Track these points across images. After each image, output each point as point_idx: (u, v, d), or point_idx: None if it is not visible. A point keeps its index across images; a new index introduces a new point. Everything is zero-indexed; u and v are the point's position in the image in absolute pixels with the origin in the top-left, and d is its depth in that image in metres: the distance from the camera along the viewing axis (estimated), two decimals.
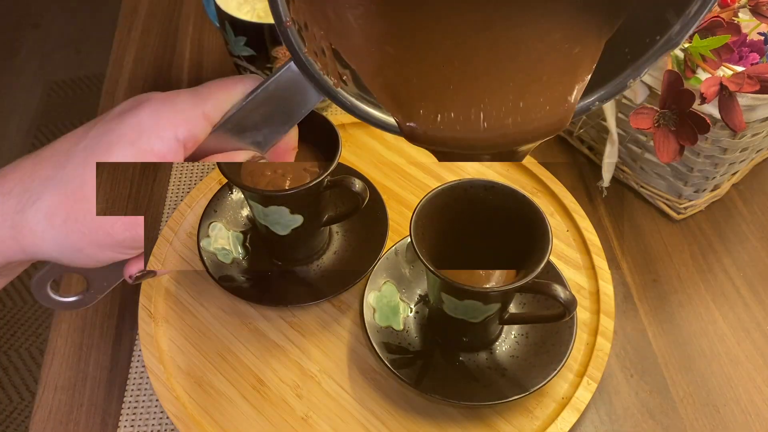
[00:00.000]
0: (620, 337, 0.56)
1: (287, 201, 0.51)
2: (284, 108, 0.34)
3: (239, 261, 0.58)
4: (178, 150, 0.31)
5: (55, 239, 0.30)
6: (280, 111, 0.34)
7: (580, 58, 0.32)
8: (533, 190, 0.64)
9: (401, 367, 0.50)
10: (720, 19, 0.49)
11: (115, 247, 0.31)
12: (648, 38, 0.32)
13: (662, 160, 0.52)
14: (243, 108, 0.33)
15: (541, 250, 0.45)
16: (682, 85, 0.49)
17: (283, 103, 0.34)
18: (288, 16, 0.31)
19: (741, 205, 0.65)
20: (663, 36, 0.31)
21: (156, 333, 0.55)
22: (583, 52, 0.32)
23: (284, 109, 0.34)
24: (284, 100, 0.34)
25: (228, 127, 0.33)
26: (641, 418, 0.52)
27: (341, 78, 0.33)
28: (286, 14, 0.30)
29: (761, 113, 0.52)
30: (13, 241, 0.30)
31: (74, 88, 2.02)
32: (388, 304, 0.54)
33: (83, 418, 0.52)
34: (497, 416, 0.51)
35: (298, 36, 0.31)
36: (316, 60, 0.32)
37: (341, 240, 0.60)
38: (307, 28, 0.32)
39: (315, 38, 0.32)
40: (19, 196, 0.31)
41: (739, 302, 0.58)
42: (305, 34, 0.32)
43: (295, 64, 0.33)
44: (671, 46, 0.31)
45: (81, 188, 0.30)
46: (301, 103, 0.34)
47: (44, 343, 1.43)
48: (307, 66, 0.32)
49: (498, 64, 0.34)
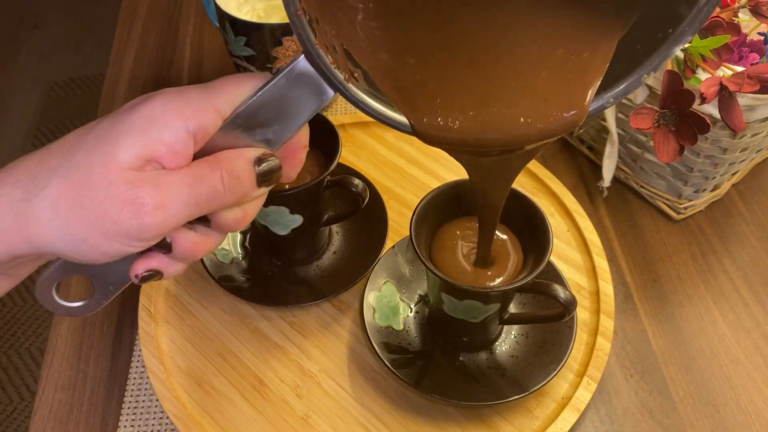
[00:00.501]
0: (620, 337, 0.56)
1: (287, 201, 0.51)
2: (295, 104, 0.33)
3: (239, 261, 0.58)
4: (188, 141, 0.31)
5: (60, 228, 0.30)
6: (291, 107, 0.33)
7: (593, 58, 0.32)
8: (534, 190, 0.64)
9: (401, 367, 0.50)
10: (720, 19, 0.49)
11: (122, 237, 0.30)
12: (661, 33, 0.31)
13: (662, 160, 0.52)
14: (253, 103, 0.32)
15: (542, 251, 0.45)
16: (682, 85, 0.49)
17: (293, 99, 0.33)
18: (299, 4, 0.30)
19: (741, 205, 0.65)
20: (676, 29, 0.31)
21: (156, 333, 0.55)
22: (596, 51, 0.32)
23: (295, 105, 0.33)
24: (295, 95, 0.33)
25: (238, 123, 0.33)
26: (641, 418, 0.52)
27: (353, 75, 0.33)
28: (296, 2, 0.30)
29: (761, 113, 0.52)
30: (18, 231, 0.30)
31: (74, 88, 2.02)
32: (388, 304, 0.54)
33: (83, 418, 0.52)
34: (497, 416, 0.51)
35: (308, 27, 0.31)
36: (326, 53, 0.32)
37: (341, 240, 0.60)
38: (318, 22, 0.31)
39: (326, 35, 0.32)
40: (26, 185, 0.30)
41: (739, 302, 0.58)
42: (316, 28, 0.31)
43: (305, 55, 0.32)
44: (684, 39, 0.31)
45: (89, 175, 0.30)
46: (312, 99, 0.33)
47: (44, 343, 1.43)
48: (317, 58, 0.32)
49: (512, 65, 0.33)
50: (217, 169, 0.32)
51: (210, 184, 0.31)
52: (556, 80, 0.33)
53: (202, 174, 0.31)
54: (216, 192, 0.32)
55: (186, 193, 0.31)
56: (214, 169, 0.32)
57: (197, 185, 0.31)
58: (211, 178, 0.32)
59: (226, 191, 0.32)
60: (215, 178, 0.32)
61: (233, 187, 0.32)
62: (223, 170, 0.32)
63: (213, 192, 0.32)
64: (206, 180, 0.31)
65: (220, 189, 0.32)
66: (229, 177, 0.32)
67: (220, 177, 0.32)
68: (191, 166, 0.31)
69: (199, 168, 0.31)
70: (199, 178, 0.31)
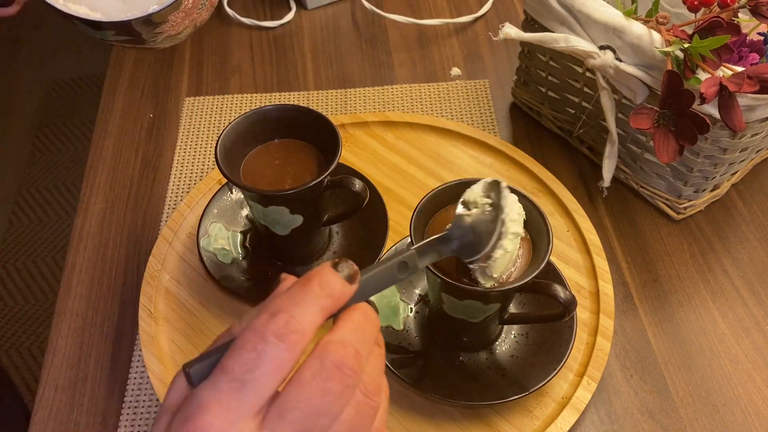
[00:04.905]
0: (620, 337, 0.56)
1: (287, 201, 0.51)
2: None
3: (239, 261, 0.58)
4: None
5: None
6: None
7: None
8: (533, 190, 0.64)
9: (401, 367, 0.50)
10: (720, 19, 0.49)
11: None
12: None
13: (662, 160, 0.52)
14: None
15: (542, 250, 0.45)
16: (682, 85, 0.49)
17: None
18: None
19: (741, 205, 0.65)
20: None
21: (156, 333, 0.55)
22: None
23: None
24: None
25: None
26: (641, 418, 0.52)
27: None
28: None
29: (761, 113, 0.52)
30: None
31: (74, 88, 2.02)
32: (388, 304, 0.54)
33: (83, 418, 0.52)
34: (497, 416, 0.51)
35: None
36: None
37: (341, 240, 0.60)
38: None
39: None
40: None
41: (738, 302, 0.58)
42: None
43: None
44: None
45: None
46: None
47: (45, 343, 1.43)
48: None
49: None
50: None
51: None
52: None
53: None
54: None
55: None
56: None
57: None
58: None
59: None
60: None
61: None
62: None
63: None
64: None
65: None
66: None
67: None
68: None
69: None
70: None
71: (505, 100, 0.74)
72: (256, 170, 0.53)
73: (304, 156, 0.53)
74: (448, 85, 0.76)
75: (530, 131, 0.71)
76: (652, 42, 0.53)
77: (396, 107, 0.74)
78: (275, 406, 0.27)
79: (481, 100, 0.74)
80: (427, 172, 0.66)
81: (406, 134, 0.69)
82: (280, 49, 0.81)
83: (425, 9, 0.86)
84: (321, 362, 0.28)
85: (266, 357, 0.27)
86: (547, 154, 0.69)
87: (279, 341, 0.27)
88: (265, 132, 0.53)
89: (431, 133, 0.69)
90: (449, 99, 0.74)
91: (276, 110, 0.53)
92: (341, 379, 0.28)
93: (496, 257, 0.42)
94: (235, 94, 0.76)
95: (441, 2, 0.86)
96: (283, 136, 0.54)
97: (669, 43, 0.52)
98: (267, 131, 0.54)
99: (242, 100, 0.75)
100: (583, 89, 0.63)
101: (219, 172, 0.52)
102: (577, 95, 0.65)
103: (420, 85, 0.76)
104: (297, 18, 0.85)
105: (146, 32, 0.64)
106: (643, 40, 0.53)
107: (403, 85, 0.76)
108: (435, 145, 0.68)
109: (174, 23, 0.63)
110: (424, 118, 0.69)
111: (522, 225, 0.44)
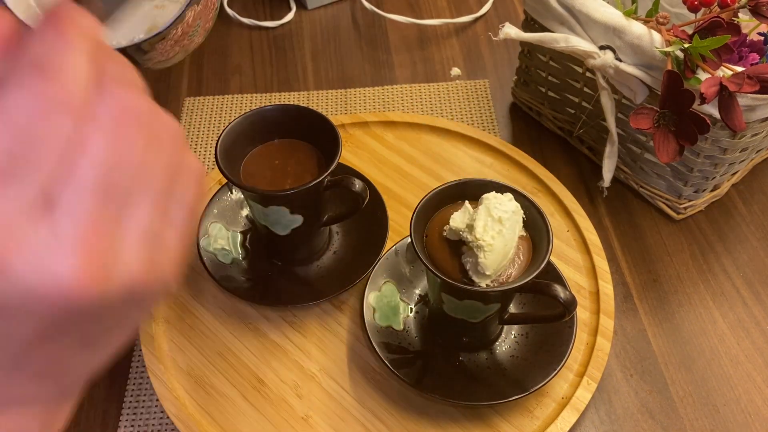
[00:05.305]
0: (620, 337, 0.56)
1: (287, 201, 0.51)
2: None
3: (239, 261, 0.58)
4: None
5: None
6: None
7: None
8: (533, 190, 0.64)
9: (401, 367, 0.50)
10: (720, 19, 0.49)
11: None
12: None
13: (662, 161, 0.52)
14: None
15: (542, 250, 0.45)
16: (682, 85, 0.49)
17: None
18: None
19: (741, 205, 0.65)
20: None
21: (156, 333, 0.55)
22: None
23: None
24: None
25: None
26: (641, 418, 0.52)
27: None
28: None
29: (761, 113, 0.52)
30: None
31: None
32: (388, 304, 0.54)
33: (83, 418, 0.52)
34: (497, 416, 0.51)
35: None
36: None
37: (341, 240, 0.60)
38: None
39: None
40: None
41: (738, 302, 0.58)
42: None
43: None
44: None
45: None
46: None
47: None
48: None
49: None
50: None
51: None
52: None
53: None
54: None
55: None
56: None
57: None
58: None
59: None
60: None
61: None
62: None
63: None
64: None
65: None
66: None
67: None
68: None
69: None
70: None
71: (505, 100, 0.74)
72: (256, 170, 0.53)
73: (304, 156, 0.53)
74: (448, 85, 0.76)
75: (530, 131, 0.71)
76: (652, 42, 0.53)
77: (396, 107, 0.74)
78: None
79: (481, 100, 0.74)
80: (427, 172, 0.66)
81: (406, 134, 0.69)
82: (280, 49, 0.81)
83: (425, 9, 0.86)
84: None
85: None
86: (547, 154, 0.69)
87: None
88: (265, 132, 0.54)
89: (431, 133, 0.69)
90: (449, 99, 0.74)
91: (276, 110, 0.54)
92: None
93: (485, 252, 0.43)
94: (235, 94, 0.76)
95: (441, 2, 0.86)
96: (283, 136, 0.54)
97: (669, 43, 0.52)
98: (267, 131, 0.54)
99: (242, 100, 0.75)
100: (583, 89, 0.63)
101: (219, 172, 0.52)
102: (577, 95, 0.65)
103: (420, 85, 0.76)
104: (297, 18, 0.85)
105: (136, 56, 0.63)
106: (643, 40, 0.53)
107: (403, 85, 0.76)
108: (435, 145, 0.68)
109: (163, 51, 0.62)
110: (424, 118, 0.69)
111: (511, 212, 0.44)
